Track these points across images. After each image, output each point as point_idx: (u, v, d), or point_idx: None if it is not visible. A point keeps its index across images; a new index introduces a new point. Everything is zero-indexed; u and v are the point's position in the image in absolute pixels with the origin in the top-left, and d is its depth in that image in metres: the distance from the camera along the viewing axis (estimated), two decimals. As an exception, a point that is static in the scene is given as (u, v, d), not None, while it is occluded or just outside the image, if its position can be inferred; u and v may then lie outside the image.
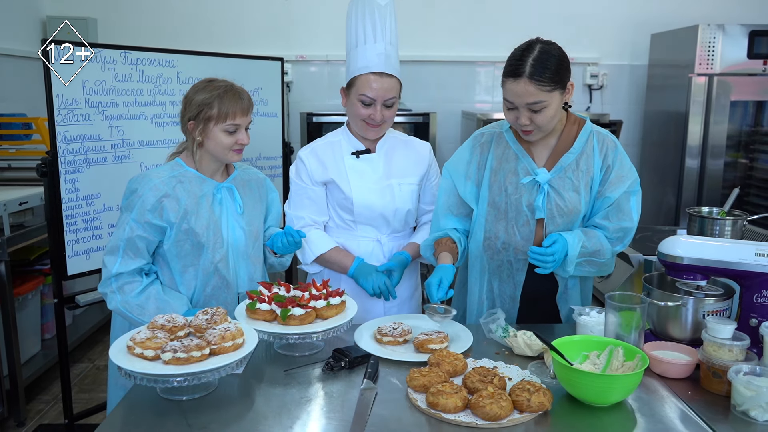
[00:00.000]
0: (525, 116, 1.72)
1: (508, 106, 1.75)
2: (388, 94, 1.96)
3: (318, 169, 2.07)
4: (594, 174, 1.83)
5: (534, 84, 1.66)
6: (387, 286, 1.95)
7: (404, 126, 3.91)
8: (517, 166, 1.86)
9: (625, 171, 1.84)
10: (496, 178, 1.88)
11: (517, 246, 1.88)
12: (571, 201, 1.82)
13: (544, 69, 1.66)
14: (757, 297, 1.59)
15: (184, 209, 1.81)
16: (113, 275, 1.78)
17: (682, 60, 3.78)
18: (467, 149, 1.95)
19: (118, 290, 1.78)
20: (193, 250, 1.84)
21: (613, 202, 1.83)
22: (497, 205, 1.87)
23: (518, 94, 1.69)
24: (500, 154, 1.89)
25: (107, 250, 1.80)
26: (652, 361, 1.55)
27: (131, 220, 1.78)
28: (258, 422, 1.34)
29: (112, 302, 1.79)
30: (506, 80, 1.72)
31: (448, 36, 4.41)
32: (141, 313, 1.77)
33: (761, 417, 1.34)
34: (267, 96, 3.31)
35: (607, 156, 1.83)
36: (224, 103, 1.80)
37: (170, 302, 1.80)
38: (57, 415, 3.04)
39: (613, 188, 1.83)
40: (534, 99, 1.68)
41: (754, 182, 3.90)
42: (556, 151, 1.85)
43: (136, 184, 1.81)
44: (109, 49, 2.59)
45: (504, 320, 1.76)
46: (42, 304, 3.38)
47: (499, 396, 1.34)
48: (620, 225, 1.85)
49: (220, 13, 4.36)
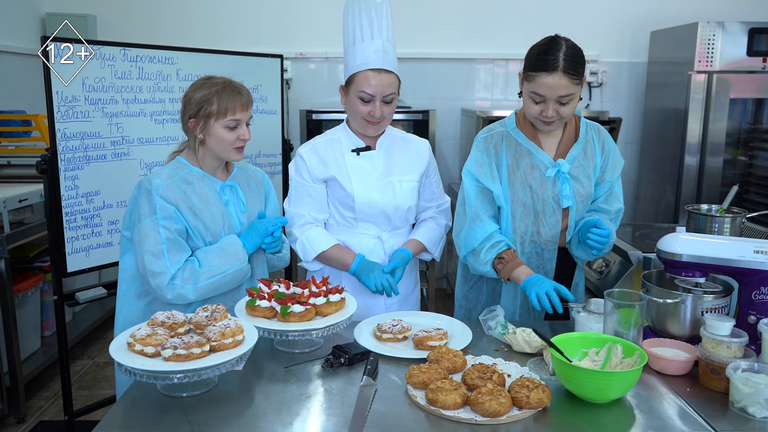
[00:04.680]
0: (552, 108, 1.81)
1: (536, 100, 1.82)
2: (386, 90, 1.96)
3: (318, 167, 2.07)
4: (597, 161, 1.98)
5: (568, 77, 1.77)
6: (389, 283, 1.96)
7: (404, 123, 3.91)
8: (534, 161, 1.94)
9: (617, 157, 2.01)
10: (516, 175, 1.94)
11: (546, 237, 1.98)
12: (586, 187, 1.96)
13: (577, 63, 1.78)
14: (755, 294, 1.60)
15: (197, 209, 1.81)
16: (171, 277, 1.74)
17: (682, 57, 3.78)
18: (482, 151, 1.99)
19: (185, 283, 1.76)
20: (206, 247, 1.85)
21: (608, 188, 2.00)
22: (522, 201, 1.95)
23: (552, 88, 1.78)
24: (513, 152, 1.96)
25: (149, 261, 1.74)
26: (651, 358, 1.56)
27: (159, 223, 1.75)
28: (258, 419, 1.34)
29: (190, 296, 1.77)
30: (538, 74, 1.79)
31: (448, 33, 4.41)
32: (215, 272, 1.78)
33: (759, 413, 1.35)
34: (266, 93, 3.31)
35: (605, 144, 1.99)
36: (223, 99, 1.80)
37: (222, 243, 1.83)
38: (57, 411, 3.04)
39: (611, 173, 1.99)
40: (566, 92, 1.78)
41: (754, 180, 3.90)
42: (564, 143, 1.96)
43: (146, 187, 1.78)
44: (108, 46, 2.59)
45: (503, 317, 1.77)
46: (42, 301, 3.39)
47: (498, 392, 1.34)
48: (617, 207, 2.01)
49: (219, 10, 4.36)
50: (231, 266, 1.82)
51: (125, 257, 1.88)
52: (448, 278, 4.60)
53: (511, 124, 1.99)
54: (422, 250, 2.13)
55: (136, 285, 1.88)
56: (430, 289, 4.04)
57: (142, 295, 1.88)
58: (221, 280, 1.81)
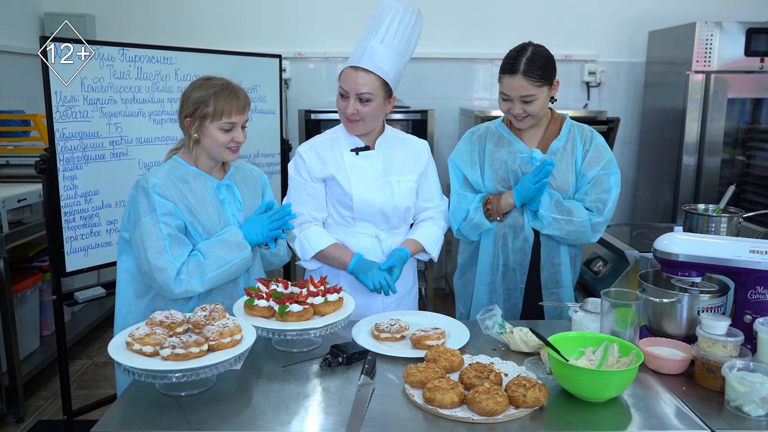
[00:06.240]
0: (518, 107, 2.02)
1: (503, 98, 2.05)
2: (361, 88, 1.96)
3: (317, 166, 2.07)
4: (578, 157, 2.12)
5: (527, 79, 1.96)
6: (387, 281, 1.96)
7: (402, 123, 3.91)
8: (512, 149, 2.13)
9: (600, 154, 2.11)
10: (495, 158, 2.14)
11: (519, 216, 2.11)
12: (561, 178, 2.09)
13: (535, 67, 1.97)
14: (751, 294, 1.60)
15: (193, 208, 1.82)
16: (177, 272, 1.75)
17: (680, 57, 3.78)
18: (467, 141, 2.22)
19: (191, 277, 1.76)
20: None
21: (591, 179, 2.09)
22: (500, 177, 2.12)
23: (513, 88, 1.99)
24: (496, 141, 2.17)
25: (153, 258, 1.74)
26: (647, 357, 1.56)
27: (160, 220, 1.76)
28: (256, 418, 1.35)
29: (198, 288, 1.77)
30: (503, 76, 2.02)
31: (446, 33, 4.41)
32: (221, 263, 1.79)
33: (754, 412, 1.36)
34: (265, 93, 3.32)
35: (586, 142, 2.13)
36: (220, 101, 1.80)
37: (223, 236, 1.83)
38: (56, 411, 3.05)
39: (589, 167, 2.10)
40: (526, 92, 1.98)
41: (751, 179, 3.91)
42: (545, 139, 2.13)
43: (144, 186, 1.78)
44: (107, 46, 2.60)
45: (501, 316, 1.78)
46: (41, 301, 3.39)
47: (495, 391, 1.35)
48: (597, 196, 2.08)
49: (218, 10, 4.36)
50: (236, 256, 1.83)
51: (123, 257, 1.89)
52: (447, 278, 4.61)
53: (498, 123, 2.21)
54: (420, 250, 2.14)
55: (135, 285, 1.89)
56: (428, 288, 4.05)
57: (141, 294, 1.88)
58: (227, 271, 1.82)
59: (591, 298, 1.77)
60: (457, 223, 2.16)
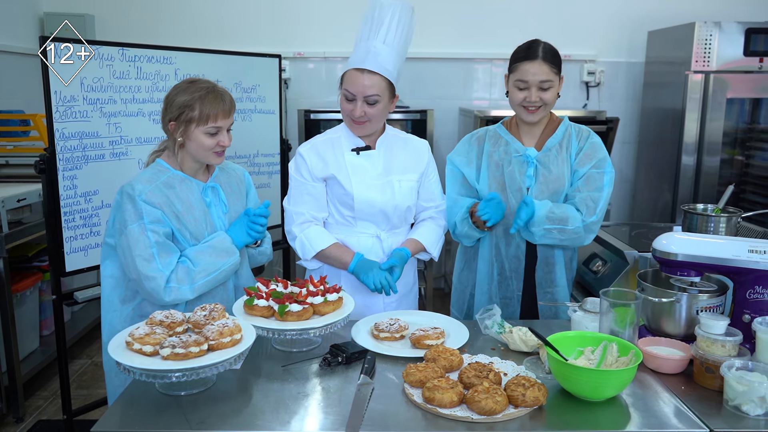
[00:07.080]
0: (535, 94, 2.03)
1: (520, 86, 2.05)
2: (368, 90, 1.96)
3: (318, 165, 2.08)
4: (572, 153, 2.14)
5: (547, 65, 2.02)
6: (388, 281, 1.97)
7: (402, 123, 3.91)
8: (510, 149, 2.16)
9: (593, 151, 2.12)
10: (492, 159, 2.17)
11: (514, 209, 2.08)
12: (556, 174, 2.11)
13: (554, 55, 2.06)
14: (749, 293, 1.61)
15: (180, 213, 1.81)
16: (167, 280, 1.74)
17: (679, 57, 3.79)
18: (466, 141, 2.26)
19: (180, 284, 1.76)
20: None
21: (582, 175, 2.10)
22: (496, 178, 2.15)
23: (533, 74, 2.02)
24: (494, 142, 2.20)
25: (141, 266, 1.72)
26: (646, 356, 1.57)
27: (147, 227, 1.74)
28: (256, 417, 1.35)
29: (188, 295, 1.77)
30: (521, 63, 2.04)
31: (446, 33, 4.41)
32: (210, 269, 1.80)
33: (753, 411, 1.36)
34: (265, 93, 3.31)
35: (582, 140, 2.16)
36: (206, 105, 1.78)
37: (211, 242, 1.84)
38: (56, 411, 3.05)
39: (581, 164, 2.12)
40: (546, 77, 2.02)
41: (750, 179, 3.91)
42: (542, 137, 2.16)
43: (129, 193, 1.76)
44: (106, 46, 2.60)
45: (500, 316, 1.78)
46: (40, 301, 3.39)
47: (494, 391, 1.35)
48: (589, 194, 2.08)
49: (218, 10, 4.36)
50: (225, 262, 1.84)
51: (107, 263, 1.87)
52: (446, 278, 4.62)
53: (497, 125, 2.24)
54: (421, 250, 2.14)
55: (119, 290, 1.87)
56: (428, 288, 4.05)
57: (126, 300, 1.86)
58: (217, 277, 1.83)
59: (590, 297, 1.77)
60: (451, 225, 2.20)
